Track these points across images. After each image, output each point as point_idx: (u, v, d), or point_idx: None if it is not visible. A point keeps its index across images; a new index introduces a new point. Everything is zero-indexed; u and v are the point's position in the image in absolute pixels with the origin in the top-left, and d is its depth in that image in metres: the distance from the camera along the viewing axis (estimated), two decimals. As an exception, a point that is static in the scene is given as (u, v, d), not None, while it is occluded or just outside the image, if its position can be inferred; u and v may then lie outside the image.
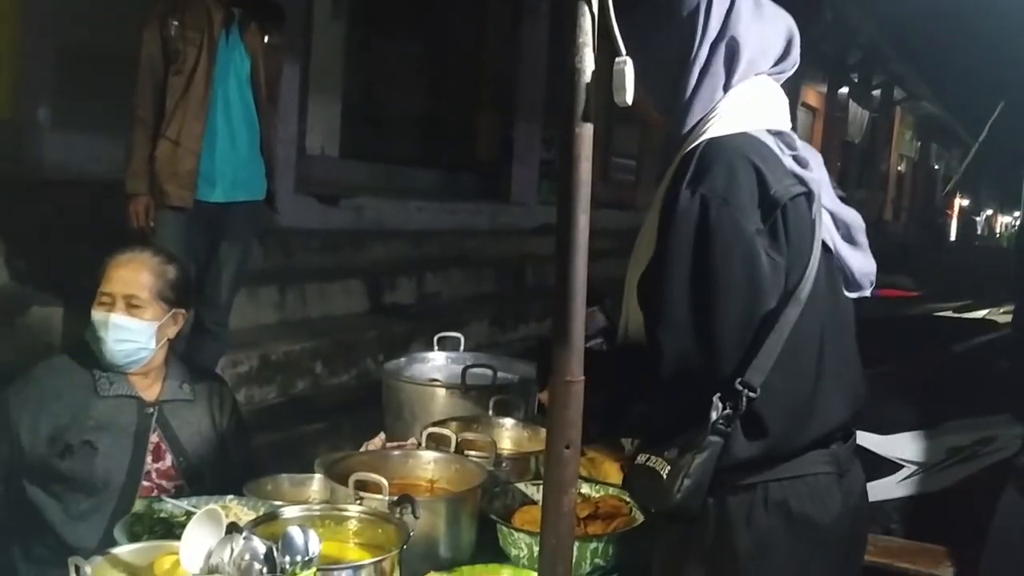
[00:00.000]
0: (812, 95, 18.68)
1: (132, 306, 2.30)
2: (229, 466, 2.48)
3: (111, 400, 2.30)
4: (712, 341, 1.59)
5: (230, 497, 1.98)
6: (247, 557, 1.50)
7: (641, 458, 1.71)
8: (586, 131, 1.51)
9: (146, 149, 3.76)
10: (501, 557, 1.98)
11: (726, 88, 1.70)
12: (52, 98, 5.15)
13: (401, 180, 8.27)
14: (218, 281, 3.99)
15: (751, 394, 1.57)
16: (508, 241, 8.61)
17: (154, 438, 2.33)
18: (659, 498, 1.66)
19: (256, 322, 5.15)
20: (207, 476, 2.37)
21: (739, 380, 1.57)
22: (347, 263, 6.41)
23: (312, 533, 1.57)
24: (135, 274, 2.34)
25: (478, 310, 6.79)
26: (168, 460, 2.34)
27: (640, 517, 2.07)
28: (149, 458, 2.31)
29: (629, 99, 1.46)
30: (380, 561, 1.69)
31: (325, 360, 5.16)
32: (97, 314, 2.30)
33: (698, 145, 1.67)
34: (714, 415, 1.58)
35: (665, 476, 1.63)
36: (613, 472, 2.37)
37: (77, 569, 1.57)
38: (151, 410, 2.34)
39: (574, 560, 1.73)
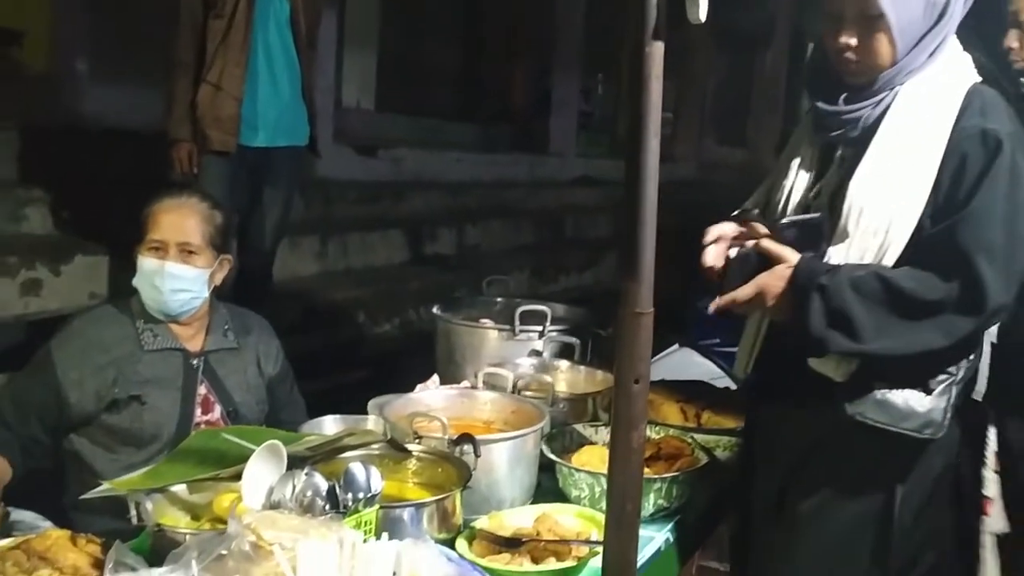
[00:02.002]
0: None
1: (187, 252, 2.23)
2: (279, 412, 2.45)
3: (156, 354, 2.24)
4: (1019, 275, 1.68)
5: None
6: (309, 493, 1.47)
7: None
8: (657, 49, 1.42)
9: (188, 95, 3.72)
10: (560, 499, 1.94)
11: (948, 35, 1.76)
12: (88, 50, 5.13)
13: (437, 133, 8.19)
14: (262, 228, 3.96)
15: None
16: (547, 192, 8.53)
17: (202, 390, 2.28)
18: (921, 423, 1.74)
19: (298, 272, 5.14)
20: (256, 424, 2.34)
21: None
22: (387, 214, 6.36)
23: (374, 470, 1.54)
24: (186, 220, 2.26)
25: (518, 261, 6.73)
26: (217, 411, 2.29)
27: (703, 458, 2.02)
28: (198, 410, 2.26)
29: (703, 15, 1.39)
30: (443, 499, 1.66)
31: (368, 310, 5.13)
32: (149, 262, 2.22)
33: (973, 89, 1.74)
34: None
35: (928, 403, 1.73)
36: (672, 413, 2.33)
37: (137, 506, 1.54)
38: (197, 362, 2.29)
39: (639, 499, 1.68)
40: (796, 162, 1.89)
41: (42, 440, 2.19)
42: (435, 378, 2.34)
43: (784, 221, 1.81)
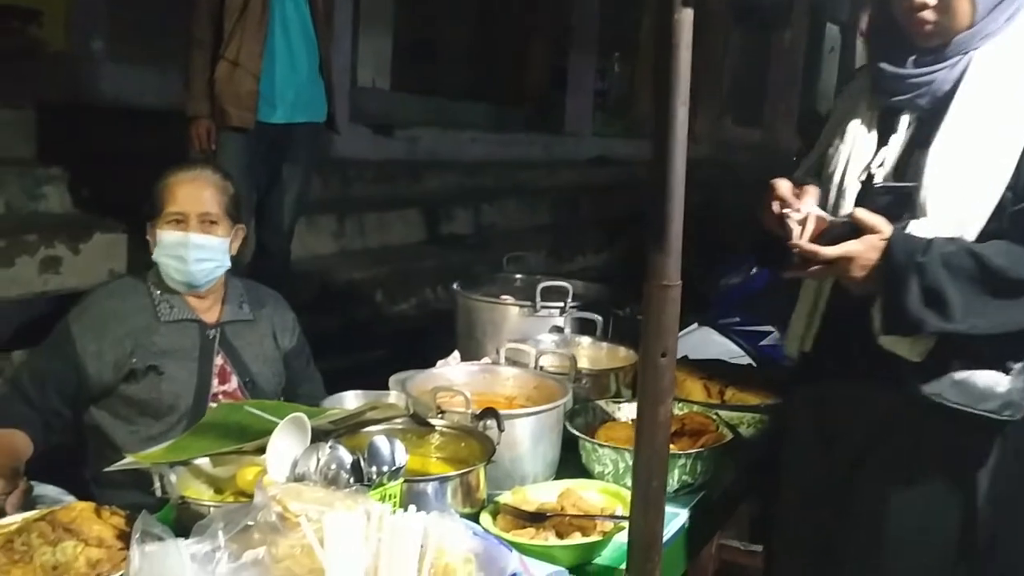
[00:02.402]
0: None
1: (207, 223, 2.26)
2: (297, 386, 2.45)
3: (173, 325, 2.26)
4: None
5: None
6: (334, 466, 1.46)
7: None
8: (686, 17, 1.40)
9: (206, 71, 3.71)
10: (583, 475, 1.92)
11: None
12: (105, 29, 5.12)
13: (452, 113, 8.17)
14: (280, 205, 3.96)
15: None
16: (563, 172, 8.51)
17: (218, 360, 2.29)
18: (1000, 404, 1.69)
19: (315, 251, 5.14)
20: (274, 398, 2.34)
21: None
22: (403, 193, 6.37)
23: (398, 443, 1.53)
24: (203, 191, 2.28)
25: (534, 241, 6.71)
26: (234, 382, 2.30)
27: (728, 434, 2.00)
28: (215, 381, 2.27)
29: None
30: (467, 473, 1.65)
31: (385, 289, 5.13)
32: (172, 235, 2.24)
33: None
34: None
35: (1007, 384, 1.68)
36: (695, 390, 2.31)
37: (161, 478, 1.54)
38: (213, 333, 2.30)
39: (663, 475, 1.66)
40: (853, 126, 1.80)
41: (63, 414, 2.20)
42: (456, 354, 2.33)
43: (878, 186, 1.73)
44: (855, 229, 1.65)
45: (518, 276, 2.84)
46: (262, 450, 1.58)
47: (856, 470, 1.83)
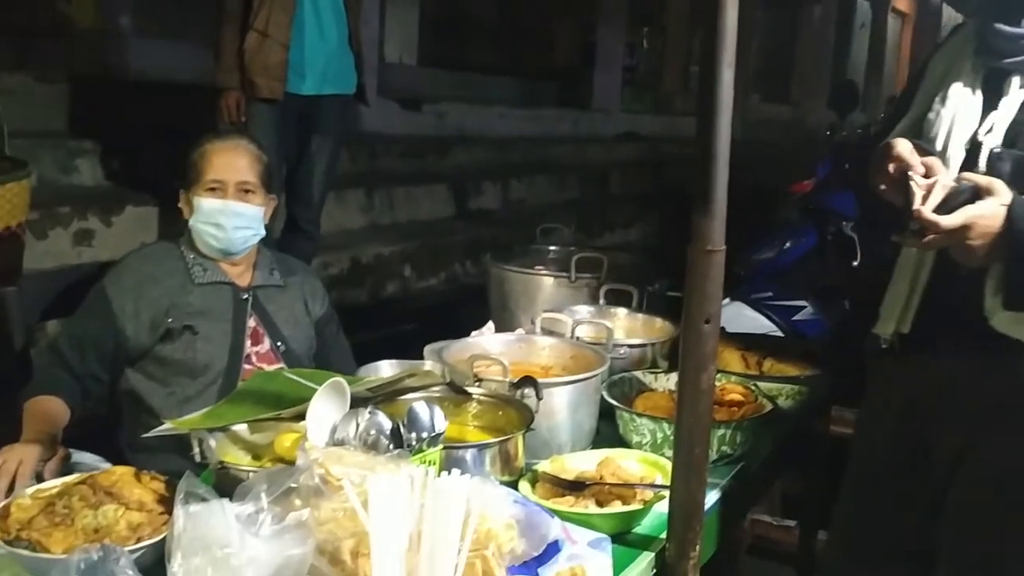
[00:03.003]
0: (902, -1, 17.86)
1: (244, 192, 2.27)
2: (328, 353, 2.45)
3: (207, 287, 2.27)
4: None
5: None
6: (373, 432, 1.45)
7: None
8: (734, -25, 1.37)
9: (235, 43, 3.70)
10: (620, 445, 1.90)
11: None
12: (134, 5, 5.13)
13: (479, 88, 8.13)
14: (310, 177, 3.96)
15: None
16: (591, 148, 8.46)
17: (251, 323, 2.31)
18: None
19: (344, 225, 5.14)
20: (306, 362, 2.35)
21: None
22: (432, 168, 6.36)
23: (438, 409, 1.52)
24: (241, 160, 2.29)
25: (563, 216, 6.67)
26: (266, 344, 2.32)
27: (768, 405, 1.98)
28: (248, 342, 2.29)
29: None
30: (505, 441, 1.64)
31: (413, 263, 5.13)
32: (210, 202, 2.24)
33: None
34: None
35: None
36: (733, 361, 2.28)
37: (200, 443, 1.54)
38: (246, 296, 2.32)
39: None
40: (956, 89, 1.70)
41: (101, 378, 2.22)
42: (490, 325, 2.31)
43: (996, 151, 1.62)
44: (975, 198, 1.53)
45: (551, 248, 2.82)
46: (300, 417, 1.57)
47: (962, 456, 1.75)
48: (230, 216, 2.24)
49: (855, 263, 3.95)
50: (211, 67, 3.86)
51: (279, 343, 2.32)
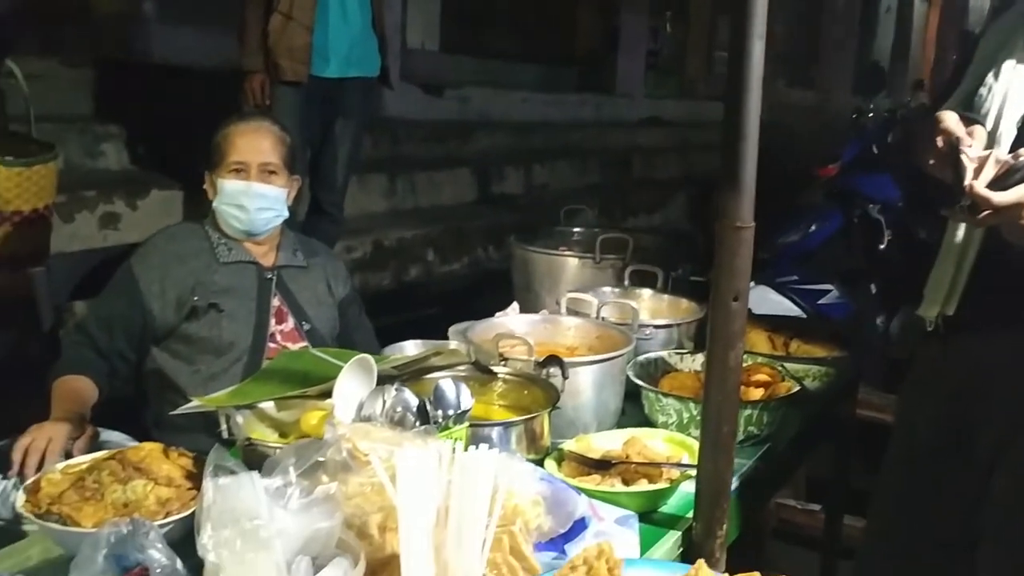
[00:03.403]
0: (928, -20, 17.62)
1: (267, 173, 2.28)
2: (352, 334, 2.46)
3: (232, 266, 2.29)
4: None
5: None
6: (400, 409, 1.45)
7: None
8: (762, -56, 1.35)
9: (259, 25, 3.72)
10: (646, 426, 1.90)
11: None
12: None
13: (501, 74, 8.11)
14: (334, 160, 3.97)
15: None
16: (614, 133, 8.43)
17: (275, 301, 2.32)
18: None
19: (367, 210, 5.15)
20: (330, 342, 2.36)
21: None
22: (454, 153, 6.35)
23: (464, 387, 1.51)
24: (264, 141, 2.31)
25: (586, 201, 6.62)
26: (290, 322, 2.33)
27: (795, 386, 1.96)
28: (272, 320, 2.30)
29: None
30: (531, 420, 1.63)
31: (436, 248, 5.14)
32: (233, 183, 2.26)
33: None
34: None
35: None
36: (760, 342, 2.27)
37: (227, 419, 1.54)
38: (270, 275, 2.33)
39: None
40: (1009, 66, 1.65)
41: (128, 357, 2.24)
42: (515, 305, 2.30)
43: None
44: None
45: (576, 230, 2.81)
46: (326, 395, 1.58)
47: (1008, 439, 1.71)
48: (253, 197, 2.26)
49: (881, 246, 3.92)
50: (235, 52, 3.87)
51: (303, 322, 2.33)
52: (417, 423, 1.45)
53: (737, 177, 1.41)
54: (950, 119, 1.55)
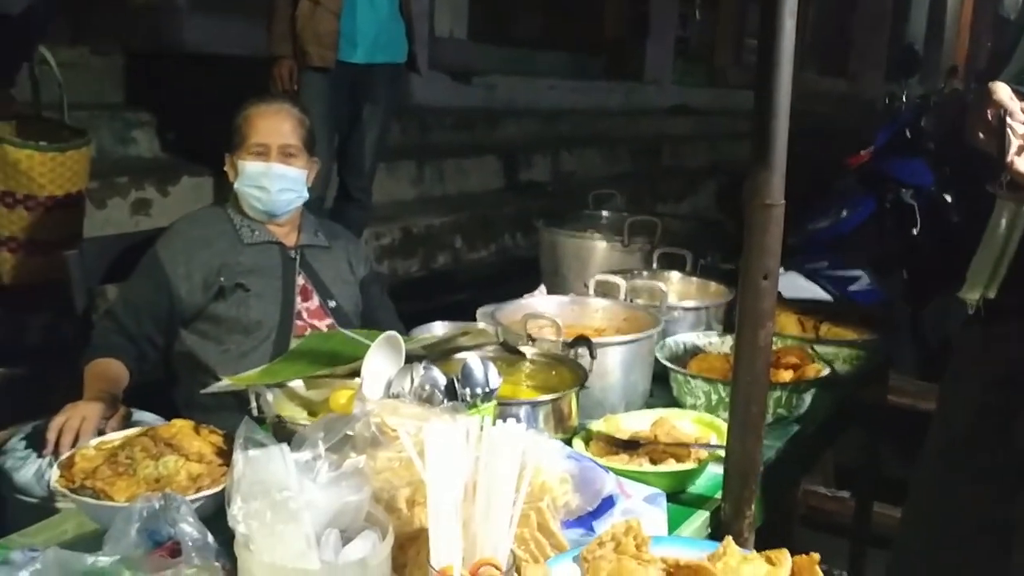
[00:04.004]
0: (963, -35, 17.36)
1: (287, 155, 2.31)
2: (375, 312, 2.48)
3: (256, 247, 2.32)
4: None
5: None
6: (428, 387, 1.46)
7: None
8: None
9: (288, 11, 3.73)
10: (674, 407, 1.89)
11: None
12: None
13: (529, 62, 8.09)
14: (362, 146, 3.98)
15: None
16: (643, 121, 8.38)
17: (300, 280, 2.35)
18: None
19: (395, 197, 5.17)
20: (354, 319, 2.38)
21: None
22: (482, 140, 6.35)
23: (492, 365, 1.51)
24: (284, 124, 2.33)
25: (614, 189, 6.62)
26: (316, 300, 2.36)
27: (825, 368, 1.95)
28: (298, 298, 2.32)
29: None
30: (559, 399, 1.63)
31: (464, 235, 5.14)
32: (254, 165, 2.29)
33: None
34: None
35: None
36: (790, 324, 2.25)
37: (257, 397, 1.55)
38: (294, 253, 2.36)
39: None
40: None
41: (157, 341, 2.27)
42: (542, 288, 2.30)
43: None
44: None
45: (604, 214, 2.81)
46: (355, 374, 1.59)
47: None
48: (273, 178, 2.28)
49: (914, 231, 3.87)
50: (263, 41, 3.89)
51: (328, 300, 2.35)
52: (445, 401, 1.45)
53: (768, 155, 1.40)
54: (1002, 91, 1.51)
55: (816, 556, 1.15)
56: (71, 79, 3.37)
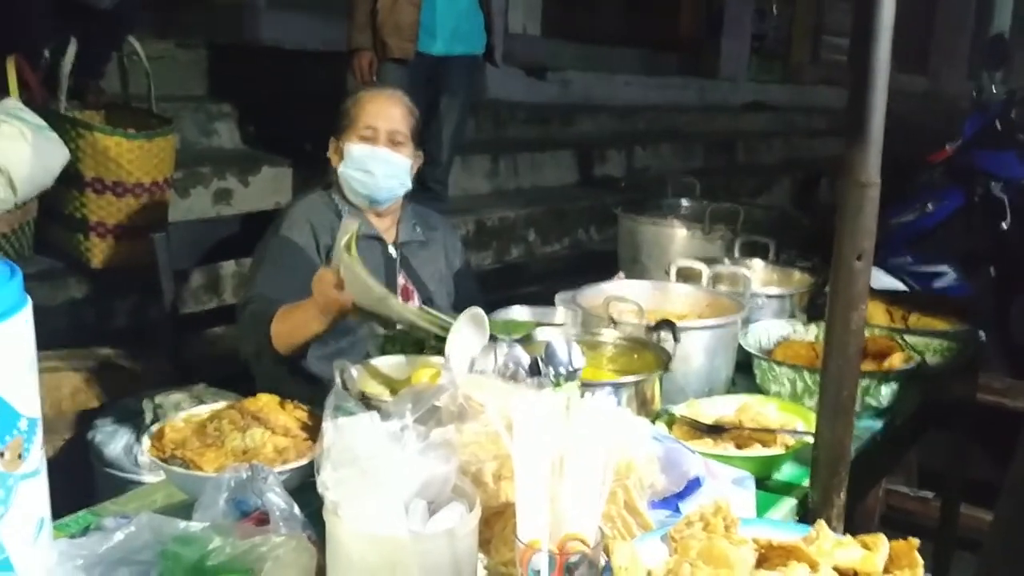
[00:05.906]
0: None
1: (395, 142, 2.27)
2: (464, 304, 2.45)
3: (361, 241, 2.21)
4: None
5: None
6: (512, 365, 1.45)
7: None
8: None
9: (368, 3, 3.75)
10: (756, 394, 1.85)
11: None
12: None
13: (603, 58, 8.04)
14: (439, 137, 3.99)
15: None
16: (717, 117, 8.29)
17: (400, 280, 2.31)
18: None
19: (470, 190, 5.17)
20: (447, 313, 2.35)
21: None
22: (556, 135, 6.34)
23: (575, 345, 1.50)
24: (395, 109, 2.30)
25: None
26: (416, 301, 2.29)
27: (915, 358, 1.89)
28: (400, 299, 2.27)
29: None
30: (642, 381, 1.61)
31: (538, 228, 5.12)
32: (361, 148, 2.25)
33: None
34: None
35: None
36: (878, 314, 2.19)
37: (342, 372, 1.56)
38: (394, 252, 2.32)
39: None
40: None
41: None
42: (621, 274, 2.28)
43: None
44: None
45: (683, 202, 2.77)
46: (439, 353, 1.59)
47: None
48: (380, 163, 2.23)
49: (1004, 226, 3.75)
50: (342, 36, 3.93)
51: (427, 299, 2.30)
52: (529, 380, 1.44)
53: (864, 130, 1.36)
54: None
55: (915, 541, 1.11)
56: (157, 72, 3.44)
